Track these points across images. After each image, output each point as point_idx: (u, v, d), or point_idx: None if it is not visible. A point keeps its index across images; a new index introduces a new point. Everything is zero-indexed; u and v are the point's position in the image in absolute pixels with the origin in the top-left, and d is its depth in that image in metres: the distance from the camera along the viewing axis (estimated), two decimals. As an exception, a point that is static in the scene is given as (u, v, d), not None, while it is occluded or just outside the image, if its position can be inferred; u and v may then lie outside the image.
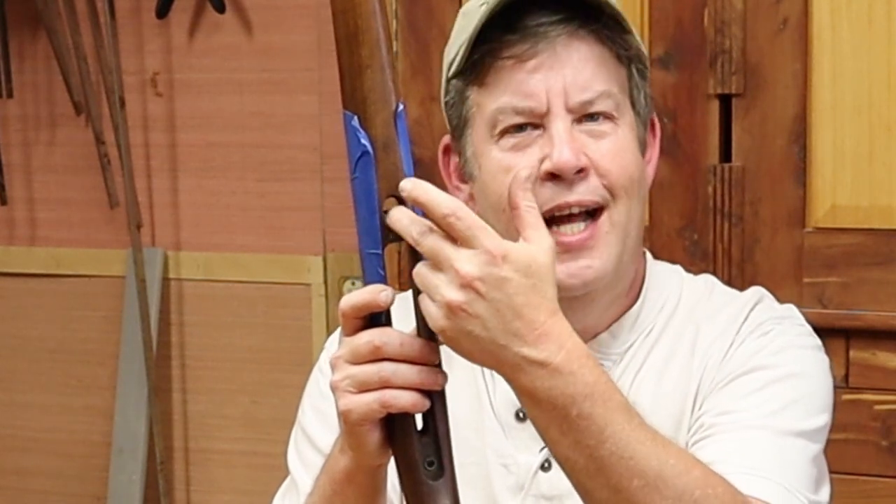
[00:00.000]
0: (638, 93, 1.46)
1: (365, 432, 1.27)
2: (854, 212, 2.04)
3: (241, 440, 3.25)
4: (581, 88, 1.41)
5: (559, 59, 1.41)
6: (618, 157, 1.42)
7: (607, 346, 1.49)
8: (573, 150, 1.40)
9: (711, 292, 1.53)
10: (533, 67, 1.41)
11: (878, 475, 1.98)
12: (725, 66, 2.06)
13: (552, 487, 1.46)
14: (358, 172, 1.24)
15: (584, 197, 1.41)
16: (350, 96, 1.23)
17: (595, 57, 1.42)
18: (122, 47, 3.26)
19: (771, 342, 1.44)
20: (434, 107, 2.18)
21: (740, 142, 2.08)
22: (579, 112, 1.42)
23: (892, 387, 2.04)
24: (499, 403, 1.49)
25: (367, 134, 1.23)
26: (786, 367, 1.42)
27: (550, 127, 1.41)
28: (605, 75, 1.42)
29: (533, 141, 1.42)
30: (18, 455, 3.48)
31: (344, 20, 1.22)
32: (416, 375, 1.24)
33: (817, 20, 2.04)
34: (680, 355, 1.48)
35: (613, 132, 1.43)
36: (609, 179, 1.42)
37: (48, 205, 3.42)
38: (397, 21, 2.23)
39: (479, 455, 1.48)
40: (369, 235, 1.24)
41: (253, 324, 3.23)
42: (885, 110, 2.02)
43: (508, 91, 1.42)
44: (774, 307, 1.51)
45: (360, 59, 1.22)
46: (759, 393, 1.40)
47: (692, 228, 2.10)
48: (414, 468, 1.27)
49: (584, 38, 1.42)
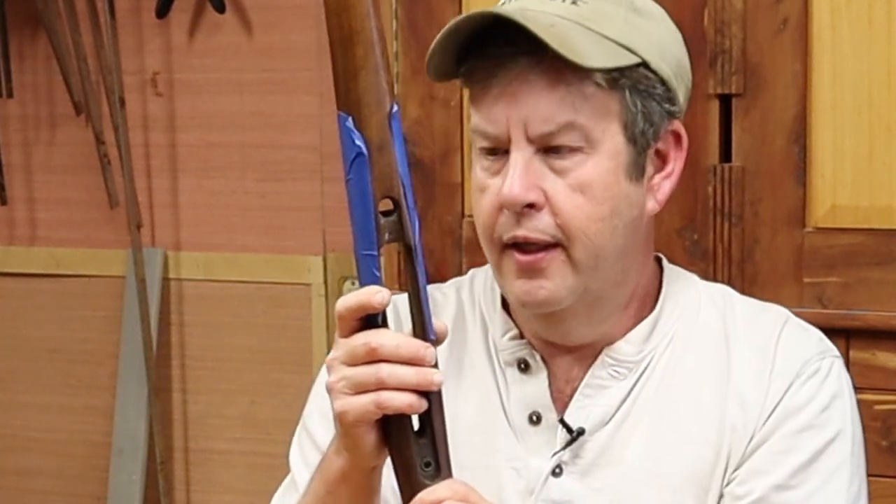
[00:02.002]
0: (634, 114, 1.40)
1: (361, 433, 1.27)
2: (854, 212, 2.04)
3: (241, 440, 3.25)
4: (541, 120, 1.37)
5: (518, 90, 1.38)
6: (575, 194, 1.38)
7: (623, 353, 1.46)
8: (522, 185, 1.37)
9: (733, 304, 1.51)
10: (496, 95, 1.39)
11: (878, 475, 1.98)
12: (725, 66, 2.06)
13: (563, 493, 1.45)
14: (353, 174, 1.24)
15: (531, 233, 1.39)
16: (344, 98, 1.23)
17: (558, 91, 1.37)
18: (122, 47, 3.26)
19: (818, 392, 1.44)
20: (434, 107, 2.18)
21: (740, 142, 2.08)
22: (541, 144, 1.38)
23: (892, 387, 2.03)
24: (512, 407, 1.48)
25: (362, 135, 1.23)
26: (833, 427, 1.44)
27: (509, 157, 1.39)
28: (570, 107, 1.38)
29: (501, 167, 1.40)
30: (18, 455, 3.48)
31: (338, 21, 1.22)
32: (413, 376, 1.24)
33: (817, 20, 2.03)
34: (714, 373, 1.46)
35: (579, 166, 1.39)
36: (563, 218, 1.38)
37: (48, 205, 3.42)
38: (397, 21, 2.23)
39: (489, 458, 1.47)
40: (364, 237, 1.24)
41: (253, 324, 3.23)
42: (885, 110, 2.02)
43: (479, 113, 1.41)
44: (808, 335, 1.50)
45: (355, 60, 1.22)
46: (809, 468, 1.42)
47: (692, 228, 2.10)
48: (411, 469, 1.27)
49: (544, 71, 1.37)
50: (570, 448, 1.45)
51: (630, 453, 1.44)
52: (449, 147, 2.22)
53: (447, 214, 2.20)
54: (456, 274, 2.16)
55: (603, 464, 1.45)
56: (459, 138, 2.21)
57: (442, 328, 1.30)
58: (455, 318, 1.53)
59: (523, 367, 1.48)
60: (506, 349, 1.49)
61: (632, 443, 1.45)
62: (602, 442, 1.45)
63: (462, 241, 2.18)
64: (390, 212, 1.26)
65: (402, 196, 1.25)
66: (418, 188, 2.21)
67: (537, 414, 1.46)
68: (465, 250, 2.18)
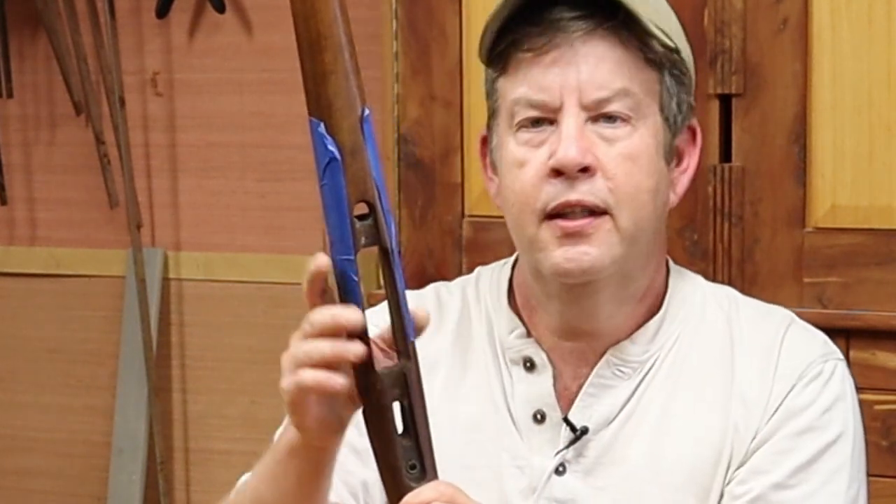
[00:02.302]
0: (670, 98, 1.44)
1: (301, 412, 1.28)
2: (854, 212, 2.04)
3: (241, 440, 3.24)
4: (597, 86, 1.40)
5: (576, 54, 1.40)
6: (626, 162, 1.41)
7: (628, 353, 1.47)
8: (579, 148, 1.39)
9: (738, 306, 1.52)
10: (550, 62, 1.40)
11: (878, 475, 1.98)
12: (725, 66, 2.06)
13: (566, 491, 1.45)
14: (326, 179, 1.23)
15: (585, 197, 1.40)
16: (315, 103, 1.24)
17: (615, 56, 1.41)
18: (122, 47, 3.26)
19: (820, 394, 1.45)
20: (434, 107, 2.18)
21: (740, 142, 2.08)
22: (594, 110, 1.41)
23: (892, 387, 2.03)
24: (516, 405, 1.48)
25: (335, 140, 1.23)
26: (834, 430, 1.44)
27: (561, 123, 1.40)
28: (625, 74, 1.41)
29: (547, 137, 1.41)
30: (18, 455, 3.48)
31: (305, 26, 1.22)
32: (328, 350, 1.24)
33: (817, 20, 2.03)
34: (718, 373, 1.46)
35: (628, 136, 1.41)
36: (615, 183, 1.40)
37: (48, 205, 3.42)
38: (397, 21, 2.23)
39: (493, 458, 1.47)
40: (342, 242, 1.24)
41: (253, 324, 3.23)
42: (885, 110, 2.02)
43: (526, 83, 1.42)
44: (812, 338, 1.51)
45: (324, 65, 1.22)
46: (808, 469, 1.42)
47: (692, 228, 2.10)
48: (396, 471, 1.27)
49: (604, 36, 1.41)
50: (574, 447, 1.45)
51: (633, 452, 1.45)
52: (449, 147, 2.22)
53: (447, 214, 2.20)
54: (456, 274, 2.17)
55: (606, 463, 1.45)
56: (459, 138, 2.21)
57: (422, 316, 1.29)
58: (460, 317, 1.53)
59: (529, 366, 1.48)
60: (512, 347, 1.49)
61: (635, 442, 1.45)
62: (605, 441, 1.45)
63: (462, 241, 2.18)
64: (366, 216, 1.25)
65: (376, 199, 1.24)
66: (418, 188, 2.21)
67: (542, 412, 1.47)
68: (465, 250, 2.18)
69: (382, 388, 1.26)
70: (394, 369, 1.26)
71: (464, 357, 1.50)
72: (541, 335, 1.49)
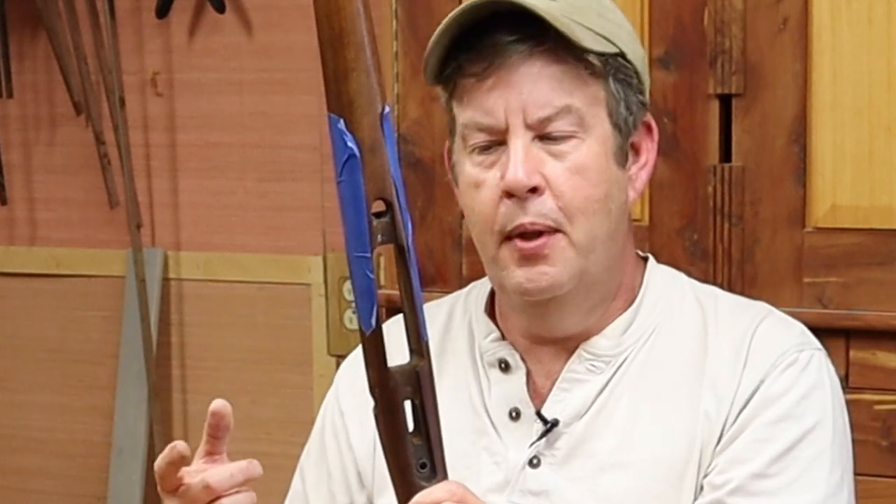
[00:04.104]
0: (617, 103, 1.46)
1: None
2: (854, 212, 2.04)
3: (241, 440, 3.23)
4: (539, 105, 1.42)
5: (515, 76, 1.42)
6: (574, 177, 1.43)
7: (599, 347, 1.49)
8: (526, 170, 1.41)
9: (717, 301, 1.53)
10: (492, 85, 1.43)
11: (878, 475, 1.98)
12: (725, 66, 2.06)
13: (539, 483, 1.47)
14: (344, 175, 1.23)
15: (536, 219, 1.42)
16: (336, 99, 1.23)
17: (555, 73, 1.43)
18: (122, 47, 3.26)
19: (796, 382, 1.45)
20: (434, 107, 2.17)
21: (740, 142, 2.08)
22: (539, 129, 1.43)
23: (892, 387, 2.03)
24: (493, 404, 1.51)
25: (354, 137, 1.23)
26: (811, 417, 1.44)
27: (508, 145, 1.43)
28: (566, 90, 1.43)
29: (498, 158, 1.44)
30: (18, 455, 3.48)
31: (328, 23, 1.22)
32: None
33: (817, 20, 2.03)
34: (691, 364, 1.48)
35: (575, 150, 1.43)
36: (564, 200, 1.43)
37: (48, 205, 3.42)
38: (397, 21, 2.23)
39: (472, 458, 1.50)
40: (357, 239, 1.24)
41: (253, 324, 3.23)
42: (885, 110, 2.02)
43: (471, 107, 1.45)
44: (787, 328, 1.51)
45: (346, 61, 1.23)
46: (787, 456, 1.43)
47: (692, 228, 2.10)
48: (406, 470, 1.27)
49: (539, 56, 1.42)
50: (546, 439, 1.47)
51: (606, 444, 1.47)
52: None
53: (447, 214, 2.20)
54: (456, 274, 2.17)
55: (579, 454, 1.47)
56: (459, 138, 2.21)
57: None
58: (443, 330, 1.58)
59: (504, 367, 1.51)
60: (488, 350, 1.53)
61: (607, 434, 1.47)
62: (578, 433, 1.48)
63: (462, 241, 2.18)
64: (383, 213, 1.25)
65: (394, 197, 1.25)
66: (418, 188, 2.21)
67: (516, 410, 1.50)
68: (465, 250, 2.18)
69: (395, 386, 1.26)
70: (406, 367, 1.27)
71: (443, 368, 1.53)
72: (515, 339, 1.52)
